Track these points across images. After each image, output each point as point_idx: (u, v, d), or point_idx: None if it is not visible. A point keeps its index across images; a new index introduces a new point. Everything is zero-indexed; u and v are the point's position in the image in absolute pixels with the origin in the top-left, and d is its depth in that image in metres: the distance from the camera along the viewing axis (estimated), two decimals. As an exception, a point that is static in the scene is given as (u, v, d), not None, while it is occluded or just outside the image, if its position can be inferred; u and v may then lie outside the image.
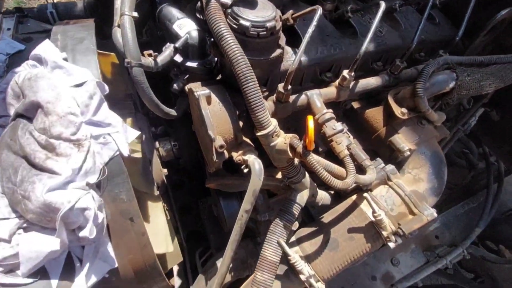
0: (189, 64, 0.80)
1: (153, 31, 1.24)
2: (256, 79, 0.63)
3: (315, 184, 0.85)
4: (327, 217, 0.85)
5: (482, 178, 1.57)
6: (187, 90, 0.81)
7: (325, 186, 0.81)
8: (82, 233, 0.54)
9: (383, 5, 0.76)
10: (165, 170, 1.09)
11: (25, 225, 0.56)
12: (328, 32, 0.86)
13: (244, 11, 0.66)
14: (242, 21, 0.64)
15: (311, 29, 0.65)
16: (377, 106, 0.91)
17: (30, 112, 0.58)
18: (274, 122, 0.68)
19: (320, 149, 0.92)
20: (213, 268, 1.00)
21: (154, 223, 0.81)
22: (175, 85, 0.81)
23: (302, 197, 0.80)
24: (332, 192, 0.98)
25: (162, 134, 1.22)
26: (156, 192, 0.92)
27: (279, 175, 0.86)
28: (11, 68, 0.90)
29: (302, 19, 0.77)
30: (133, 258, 0.70)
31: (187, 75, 0.82)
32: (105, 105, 0.63)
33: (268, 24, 0.65)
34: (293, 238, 0.87)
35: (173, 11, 0.83)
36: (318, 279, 0.79)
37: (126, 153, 0.62)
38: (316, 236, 0.82)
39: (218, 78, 0.85)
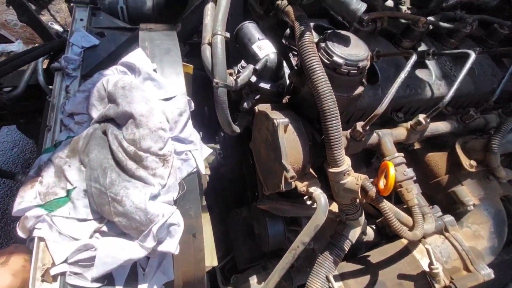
0: (262, 85, 0.81)
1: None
2: (339, 117, 0.63)
3: (366, 221, 0.84)
4: (374, 257, 0.84)
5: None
6: (256, 110, 0.81)
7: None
8: (165, 248, 0.55)
9: (473, 56, 0.74)
10: (207, 177, 1.10)
11: (103, 228, 0.58)
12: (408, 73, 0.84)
13: (338, 47, 0.65)
14: (335, 58, 0.63)
15: (403, 75, 0.64)
16: (440, 151, 0.89)
17: (120, 120, 0.59)
18: (348, 161, 0.67)
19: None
20: (246, 284, 1.01)
21: (204, 235, 0.82)
22: (245, 104, 0.81)
23: (354, 234, 0.80)
24: (374, 227, 0.98)
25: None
26: (204, 202, 0.93)
27: (334, 208, 0.85)
28: (86, 62, 0.92)
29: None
30: (186, 271, 0.71)
31: (258, 95, 0.82)
32: (190, 122, 0.64)
33: (361, 64, 0.64)
34: (336, 272, 0.86)
35: (253, 31, 0.84)
36: (360, 320, 0.79)
37: (203, 171, 0.63)
38: (363, 275, 0.82)
39: (284, 101, 0.85)
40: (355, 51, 0.65)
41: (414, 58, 0.65)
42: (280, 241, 0.96)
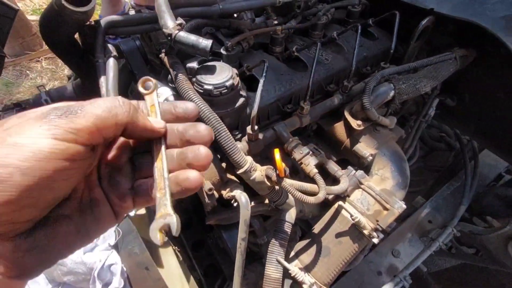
0: (171, 123, 0.94)
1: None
2: (226, 128, 0.77)
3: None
4: (317, 228, 0.96)
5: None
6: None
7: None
8: (113, 286, 0.65)
9: (319, 45, 0.92)
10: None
11: (60, 292, 0.67)
12: (282, 71, 1.01)
13: (206, 77, 0.81)
14: (206, 86, 0.79)
15: (262, 80, 0.80)
16: (339, 121, 1.04)
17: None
18: (249, 159, 0.80)
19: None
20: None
21: (167, 266, 0.91)
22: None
23: (291, 215, 0.92)
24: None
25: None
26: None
27: (267, 201, 0.97)
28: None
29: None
30: (154, 301, 0.80)
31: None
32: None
33: (227, 83, 0.79)
34: (292, 253, 0.97)
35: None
36: (320, 286, 0.89)
37: (132, 212, 0.74)
38: (311, 246, 0.93)
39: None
40: (220, 75, 0.81)
41: (266, 65, 0.81)
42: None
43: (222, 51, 0.93)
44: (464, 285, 2.16)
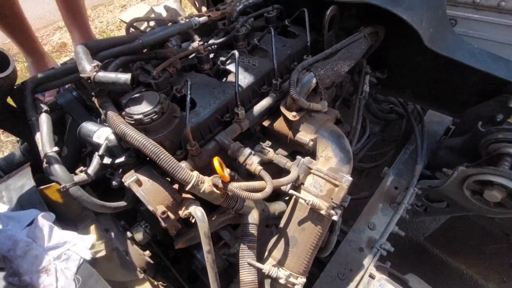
0: (117, 160, 0.96)
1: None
2: (164, 151, 0.80)
3: (261, 201, 1.00)
4: (282, 222, 0.99)
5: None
6: (125, 183, 0.96)
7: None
8: None
9: (237, 54, 0.99)
10: (147, 252, 1.19)
11: None
12: (213, 85, 1.06)
13: (134, 108, 0.84)
14: (135, 116, 0.82)
15: (188, 98, 0.84)
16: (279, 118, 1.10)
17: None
18: (195, 174, 0.83)
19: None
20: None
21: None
22: (114, 182, 0.95)
23: (254, 217, 0.95)
24: (286, 198, 1.13)
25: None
26: (141, 276, 1.01)
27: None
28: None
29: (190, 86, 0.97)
30: None
31: (120, 169, 0.97)
32: (55, 229, 0.75)
33: (156, 109, 0.83)
34: (266, 253, 0.99)
35: (90, 126, 1.01)
36: (297, 275, 0.91)
37: (88, 257, 0.74)
38: (279, 241, 0.95)
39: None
40: (148, 103, 0.85)
41: (189, 84, 0.86)
42: (219, 263, 1.07)
43: (150, 80, 0.97)
44: (458, 240, 2.24)
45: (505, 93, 1.15)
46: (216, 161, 0.78)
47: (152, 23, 1.64)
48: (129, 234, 1.17)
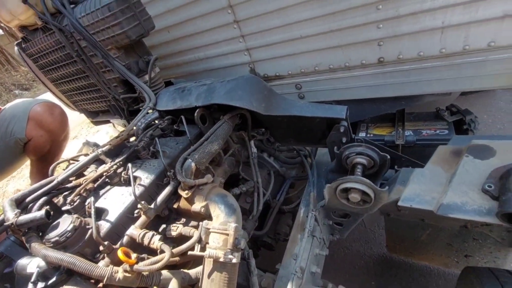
0: (50, 282, 1.14)
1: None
2: (79, 258, 1.01)
3: (180, 270, 1.21)
4: (199, 283, 1.19)
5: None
6: None
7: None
8: None
9: (129, 165, 1.34)
10: None
11: None
12: (122, 192, 1.37)
13: (52, 233, 1.09)
14: (52, 239, 1.07)
15: (93, 210, 1.13)
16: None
17: None
18: (108, 268, 1.05)
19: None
20: None
21: None
22: None
23: (174, 286, 1.14)
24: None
25: None
26: None
27: None
28: None
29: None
30: None
31: (54, 289, 1.15)
32: None
33: (69, 228, 1.09)
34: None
35: (23, 262, 1.20)
36: (217, 323, 1.07)
37: None
38: (198, 299, 1.14)
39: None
40: (63, 225, 1.11)
41: (92, 200, 1.16)
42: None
43: (67, 207, 1.25)
44: (406, 240, 2.46)
45: (336, 123, 1.62)
46: (119, 252, 1.03)
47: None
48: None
